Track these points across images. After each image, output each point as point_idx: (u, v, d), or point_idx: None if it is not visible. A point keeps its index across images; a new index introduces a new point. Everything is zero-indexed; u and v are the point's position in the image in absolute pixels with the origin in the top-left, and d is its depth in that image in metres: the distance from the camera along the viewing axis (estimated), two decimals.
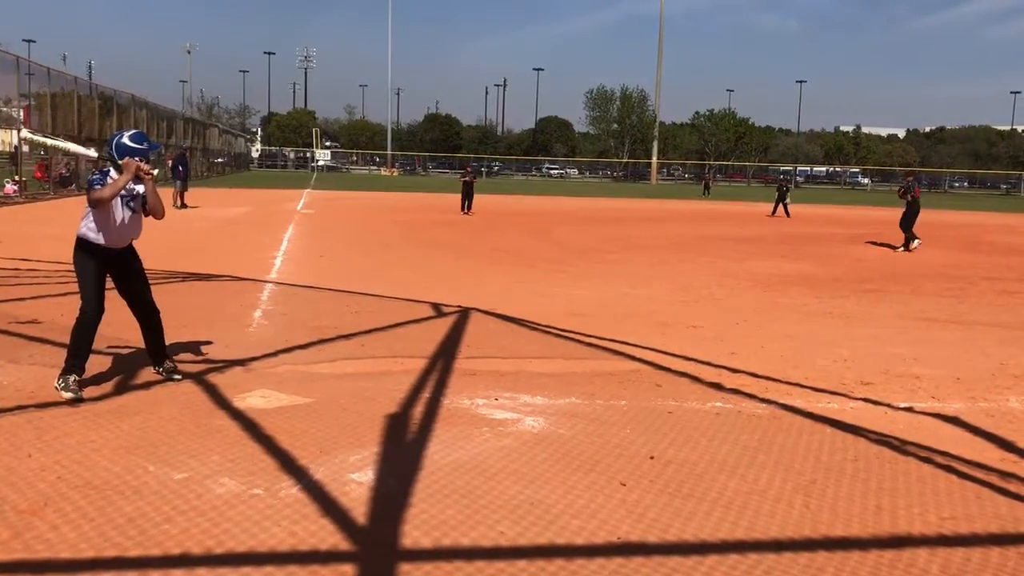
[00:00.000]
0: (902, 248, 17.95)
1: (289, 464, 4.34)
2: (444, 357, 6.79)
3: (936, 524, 3.85)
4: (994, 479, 4.44)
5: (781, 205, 30.36)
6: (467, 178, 26.63)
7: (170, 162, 28.20)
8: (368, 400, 5.51)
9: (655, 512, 3.89)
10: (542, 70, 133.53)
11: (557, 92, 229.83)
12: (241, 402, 5.38)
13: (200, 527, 3.58)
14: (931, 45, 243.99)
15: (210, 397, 5.49)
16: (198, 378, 5.89)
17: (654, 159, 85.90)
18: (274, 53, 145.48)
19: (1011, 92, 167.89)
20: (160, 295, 6.02)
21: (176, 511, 3.72)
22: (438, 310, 8.90)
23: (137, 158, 5.43)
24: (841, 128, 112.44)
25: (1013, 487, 4.34)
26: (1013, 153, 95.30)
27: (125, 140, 5.52)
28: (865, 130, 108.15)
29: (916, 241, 18.01)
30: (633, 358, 6.97)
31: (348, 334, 7.59)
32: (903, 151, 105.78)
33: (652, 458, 4.61)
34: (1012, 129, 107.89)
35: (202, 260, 12.57)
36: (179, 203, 24.14)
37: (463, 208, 25.69)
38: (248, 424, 4.96)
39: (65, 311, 7.14)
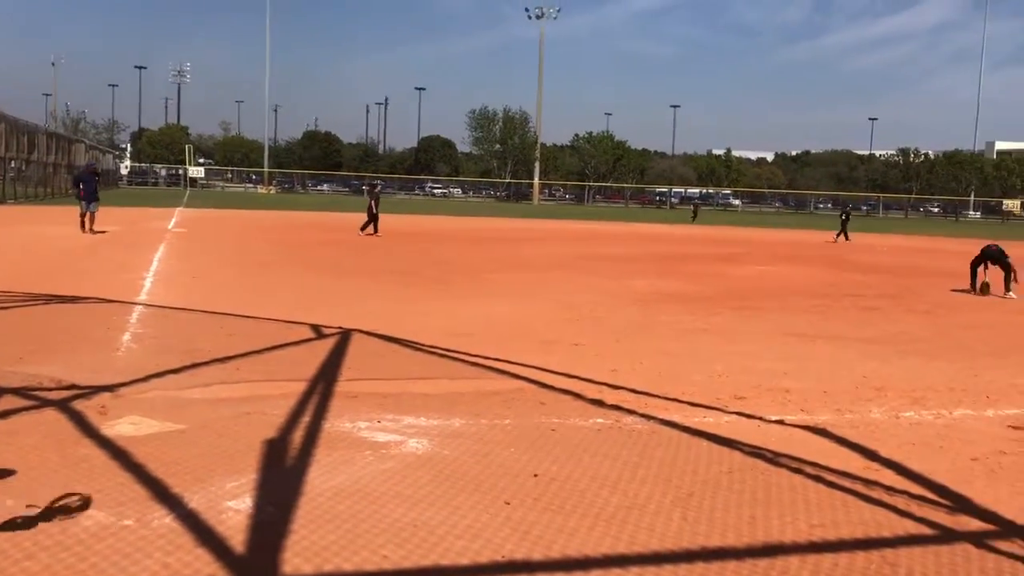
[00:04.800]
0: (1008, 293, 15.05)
1: (162, 493, 4.16)
2: (324, 380, 6.66)
3: (806, 532, 4.00)
4: (859, 487, 4.66)
5: (843, 232, 32.32)
6: (372, 198, 25.27)
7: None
8: (245, 425, 5.35)
9: (539, 529, 3.91)
10: (424, 89, 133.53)
11: (439, 111, 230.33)
12: (109, 429, 5.13)
13: (64, 563, 3.38)
14: (797, 73, 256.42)
15: (75, 425, 5.21)
16: (62, 405, 5.59)
17: (536, 180, 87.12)
18: (145, 67, 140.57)
19: (869, 119, 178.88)
20: (19, 319, 5.71)
21: (38, 547, 3.50)
22: (318, 331, 8.74)
23: None
24: (713, 151, 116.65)
25: (876, 494, 4.56)
26: (872, 176, 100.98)
27: None
28: (736, 153, 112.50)
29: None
30: (517, 376, 7.01)
31: (223, 357, 7.35)
32: (771, 174, 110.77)
33: (536, 476, 4.63)
34: (871, 153, 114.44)
35: (65, 282, 11.96)
36: (85, 227, 21.02)
37: (365, 228, 24.26)
38: (117, 452, 4.73)
39: None
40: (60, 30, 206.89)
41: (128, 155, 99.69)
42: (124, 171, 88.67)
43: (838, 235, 32.63)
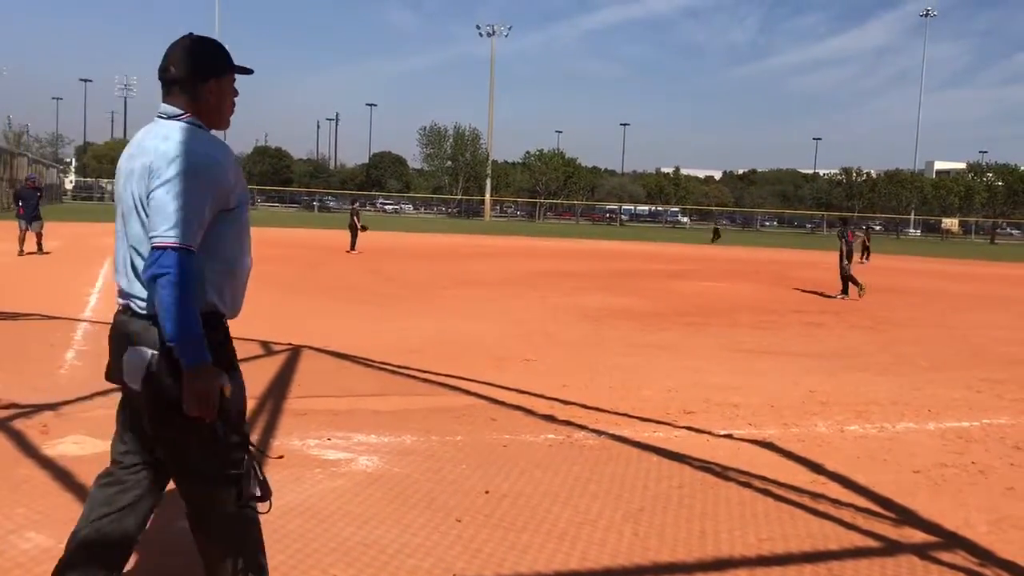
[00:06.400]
0: (839, 294, 17.22)
1: None
2: (274, 397, 6.57)
3: (755, 545, 4.05)
4: (806, 500, 4.73)
5: (867, 252, 32.21)
6: (354, 215, 25.78)
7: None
8: None
9: (491, 547, 3.89)
10: (375, 105, 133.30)
11: (391, 128, 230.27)
12: (51, 449, 5.00)
13: None
14: (743, 93, 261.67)
15: (15, 445, 5.08)
16: (1, 425, 5.44)
17: (487, 196, 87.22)
18: (91, 80, 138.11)
19: (813, 138, 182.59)
20: None
21: None
22: (267, 348, 8.63)
23: None
24: (662, 169, 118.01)
25: (822, 507, 4.63)
26: (816, 195, 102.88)
27: None
28: (684, 171, 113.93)
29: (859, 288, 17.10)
30: (469, 393, 6.99)
31: None
32: (719, 192, 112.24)
33: (487, 492, 4.62)
34: (815, 172, 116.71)
35: (4, 298, 11.67)
36: (23, 248, 19.25)
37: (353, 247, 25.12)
38: (59, 473, 4.61)
39: None
40: (1, 42, 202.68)
41: (73, 170, 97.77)
42: (69, 186, 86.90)
43: (864, 256, 31.87)
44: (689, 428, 6.20)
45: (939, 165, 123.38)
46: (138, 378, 2.55)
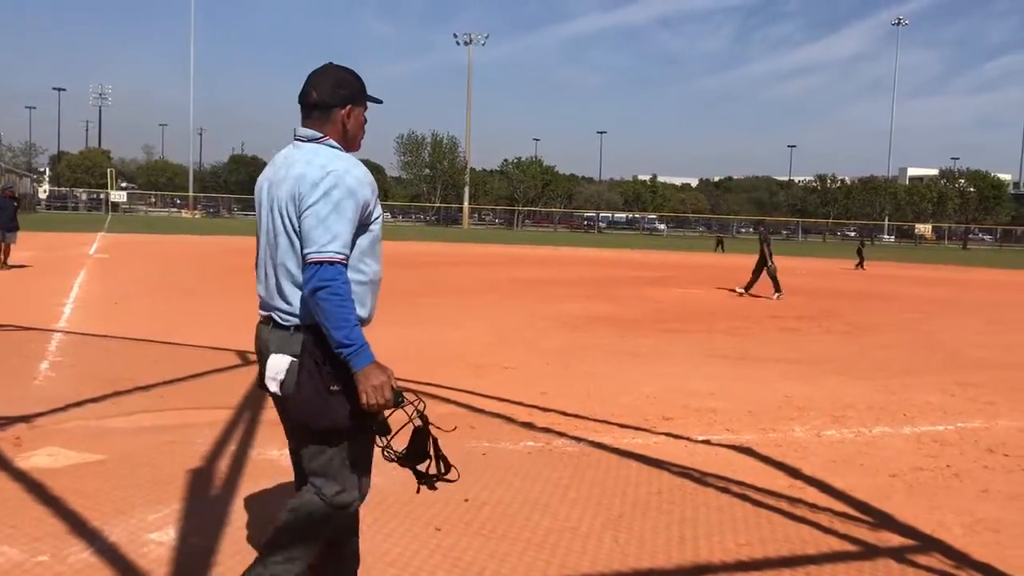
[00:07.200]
0: (775, 294, 18.29)
1: (80, 527, 4.02)
2: (251, 407, 6.53)
3: (734, 551, 4.07)
4: (783, 505, 4.76)
5: (860, 258, 32.87)
6: None
7: None
8: (168, 455, 5.21)
9: (470, 555, 3.89)
10: None
11: (368, 136, 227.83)
12: (24, 462, 4.94)
13: None
14: (719, 101, 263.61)
15: None
16: None
17: (466, 204, 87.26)
18: (64, 89, 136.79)
19: (788, 146, 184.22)
20: None
21: None
22: (244, 358, 8.57)
23: None
24: (639, 177, 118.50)
25: (800, 512, 4.66)
26: (791, 201, 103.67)
27: None
28: (661, 179, 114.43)
29: (777, 294, 18.31)
30: (448, 401, 6.98)
31: (146, 385, 7.16)
32: (695, 199, 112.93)
33: (466, 500, 4.62)
34: (790, 180, 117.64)
35: None
36: (4, 261, 18.31)
37: None
38: (32, 485, 4.56)
39: None
40: None
41: (47, 179, 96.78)
42: (42, 195, 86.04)
43: (858, 264, 32.86)
44: (668, 434, 6.22)
45: (912, 172, 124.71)
46: (278, 384, 2.77)
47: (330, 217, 2.66)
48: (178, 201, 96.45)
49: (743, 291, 18.88)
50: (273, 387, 2.80)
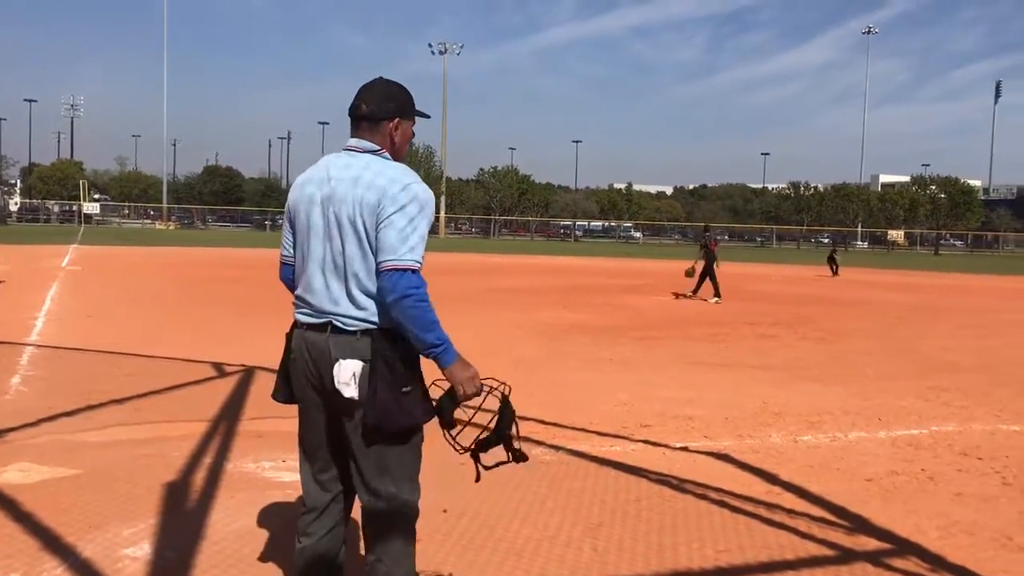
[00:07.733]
0: (713, 298, 18.90)
1: (53, 543, 3.97)
2: (227, 419, 6.48)
3: (713, 557, 4.08)
4: (761, 511, 4.78)
5: (834, 264, 32.58)
6: None
7: None
8: (143, 468, 5.16)
9: (449, 565, 3.88)
10: (328, 124, 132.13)
11: (344, 146, 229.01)
12: None
13: None
14: (693, 110, 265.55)
15: None
16: None
17: (442, 214, 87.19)
18: (36, 100, 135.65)
19: (762, 153, 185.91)
20: None
21: None
22: (220, 370, 8.51)
23: None
24: (614, 185, 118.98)
25: (778, 517, 4.68)
26: (765, 209, 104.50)
27: None
28: (636, 187, 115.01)
29: (715, 298, 18.81)
30: None
31: (120, 399, 7.09)
32: (670, 207, 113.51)
33: (445, 511, 4.60)
34: (764, 187, 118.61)
35: None
36: None
37: None
38: (3, 502, 4.50)
39: None
40: None
41: (18, 191, 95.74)
42: (14, 208, 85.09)
43: (834, 271, 32.66)
44: (645, 441, 6.23)
45: (884, 178, 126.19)
46: (354, 388, 2.80)
47: (409, 226, 2.78)
48: (152, 212, 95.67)
49: (692, 293, 19.72)
50: (349, 392, 2.81)
